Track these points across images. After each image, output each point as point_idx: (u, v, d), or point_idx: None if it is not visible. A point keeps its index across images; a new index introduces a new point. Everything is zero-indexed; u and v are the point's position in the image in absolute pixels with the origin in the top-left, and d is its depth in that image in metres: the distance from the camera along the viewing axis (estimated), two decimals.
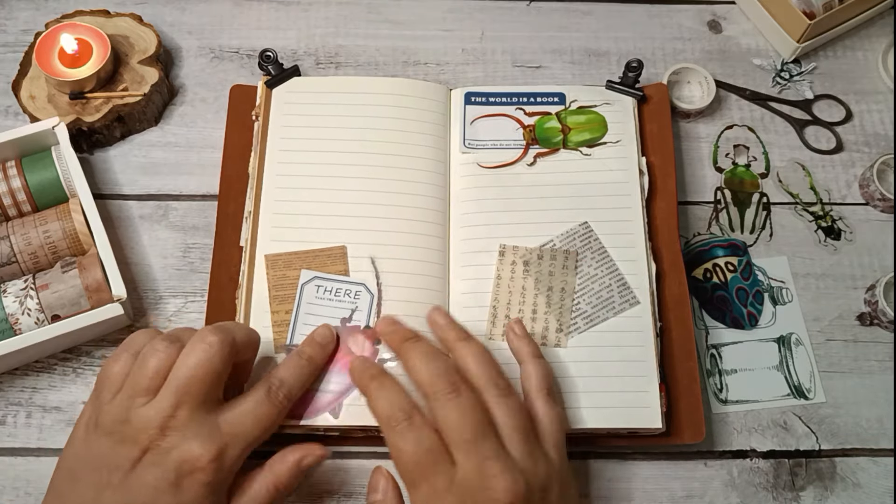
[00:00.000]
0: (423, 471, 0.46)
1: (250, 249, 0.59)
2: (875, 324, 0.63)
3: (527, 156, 0.63)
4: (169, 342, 0.48)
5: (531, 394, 0.51)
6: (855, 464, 0.59)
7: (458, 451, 0.46)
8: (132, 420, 0.46)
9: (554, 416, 0.50)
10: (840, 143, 0.70)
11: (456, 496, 0.45)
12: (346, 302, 0.57)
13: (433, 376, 0.48)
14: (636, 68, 0.65)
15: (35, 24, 0.71)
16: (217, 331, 0.48)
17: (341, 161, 0.62)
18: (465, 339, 0.51)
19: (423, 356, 0.49)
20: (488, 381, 0.49)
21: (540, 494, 0.46)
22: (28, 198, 0.60)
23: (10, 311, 0.56)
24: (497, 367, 0.50)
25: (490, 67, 0.72)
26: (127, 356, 0.49)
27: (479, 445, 0.46)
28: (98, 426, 0.47)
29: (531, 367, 0.52)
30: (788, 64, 0.73)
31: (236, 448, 0.47)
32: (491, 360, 0.50)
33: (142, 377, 0.47)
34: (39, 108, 0.65)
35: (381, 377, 0.50)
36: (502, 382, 0.49)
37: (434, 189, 0.62)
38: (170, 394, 0.46)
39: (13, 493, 0.56)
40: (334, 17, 0.73)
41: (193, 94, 0.70)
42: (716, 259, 0.65)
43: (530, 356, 0.53)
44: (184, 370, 0.47)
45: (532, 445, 0.48)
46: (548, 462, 0.48)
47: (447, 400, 0.47)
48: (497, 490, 0.44)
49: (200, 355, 0.47)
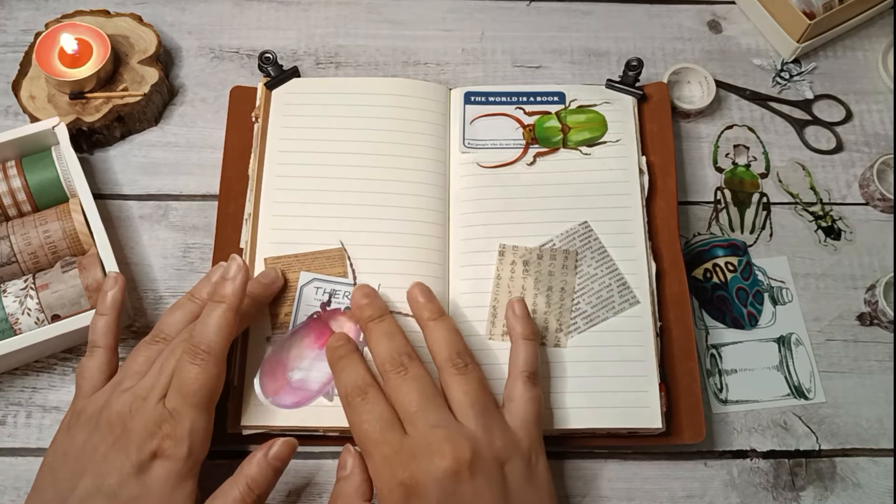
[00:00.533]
0: (375, 440, 0.48)
1: (250, 251, 0.59)
2: (875, 324, 0.63)
3: (526, 155, 0.63)
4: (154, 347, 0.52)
5: (512, 373, 0.53)
6: (855, 464, 0.59)
7: (407, 423, 0.48)
8: (111, 403, 0.49)
9: (529, 398, 0.51)
10: (840, 143, 0.70)
11: (402, 460, 0.46)
12: (346, 304, 0.57)
13: (388, 354, 0.50)
14: (636, 67, 0.65)
15: (35, 24, 0.71)
16: (199, 348, 0.49)
17: (341, 162, 0.62)
18: (436, 318, 0.53)
19: (382, 336, 0.51)
20: (447, 358, 0.51)
21: (495, 467, 0.47)
22: (28, 198, 0.60)
23: (10, 311, 0.56)
24: (462, 344, 0.52)
25: (490, 67, 0.72)
26: (102, 352, 0.52)
27: (426, 415, 0.48)
28: (79, 419, 0.49)
29: (519, 347, 0.54)
30: (788, 64, 0.73)
31: (185, 421, 0.48)
32: (456, 337, 0.52)
33: (126, 377, 0.51)
34: (39, 108, 0.65)
35: (349, 356, 0.52)
36: (461, 360, 0.51)
37: (434, 189, 0.62)
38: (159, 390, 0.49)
39: (14, 494, 0.56)
40: (334, 17, 0.73)
41: (193, 94, 0.70)
42: (716, 259, 0.65)
43: (520, 337, 0.54)
44: (182, 383, 0.49)
45: (490, 419, 0.49)
46: (509, 437, 0.49)
47: (396, 375, 0.49)
48: (440, 454, 0.46)
49: (196, 373, 0.49)
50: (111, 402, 0.49)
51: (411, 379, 0.49)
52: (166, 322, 0.53)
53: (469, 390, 0.49)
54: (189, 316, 0.53)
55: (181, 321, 0.53)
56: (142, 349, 0.52)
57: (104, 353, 0.52)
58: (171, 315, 0.53)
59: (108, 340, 0.53)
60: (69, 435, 0.49)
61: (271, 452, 0.50)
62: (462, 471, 0.46)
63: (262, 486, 0.49)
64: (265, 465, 0.50)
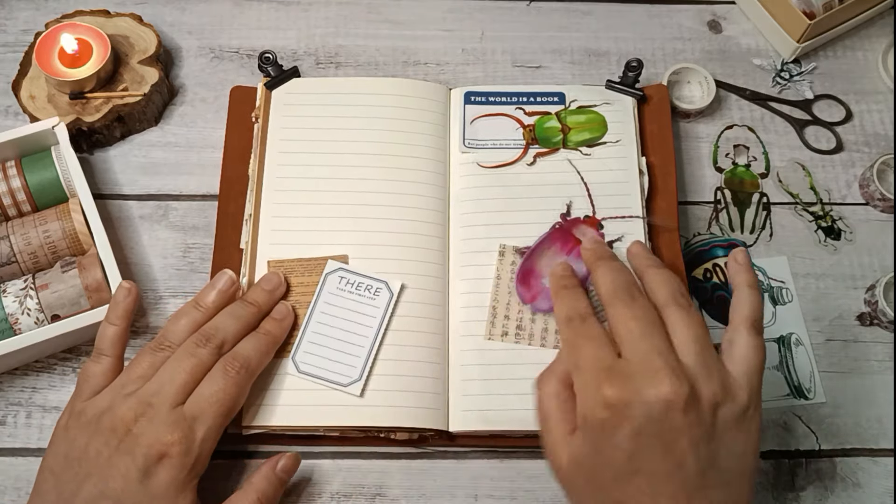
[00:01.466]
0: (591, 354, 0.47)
1: (251, 252, 0.59)
2: (875, 324, 0.63)
3: (527, 155, 0.63)
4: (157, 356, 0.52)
5: (734, 321, 0.49)
6: (855, 464, 0.59)
7: (627, 347, 0.46)
8: (114, 408, 0.49)
9: (753, 346, 0.48)
10: (840, 143, 0.70)
11: (615, 378, 0.45)
12: (366, 297, 0.57)
13: (617, 284, 0.49)
14: (636, 68, 0.65)
15: (35, 24, 0.71)
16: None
17: (341, 162, 0.62)
18: (657, 266, 0.52)
19: (610, 270, 0.51)
20: (670, 297, 0.49)
21: (708, 408, 0.45)
22: (28, 198, 0.60)
23: (9, 311, 0.56)
24: (683, 289, 0.50)
25: (490, 67, 0.72)
26: (108, 361, 0.52)
27: (649, 340, 0.46)
28: (79, 420, 0.49)
29: (744, 295, 0.50)
30: (788, 64, 0.73)
31: (200, 430, 0.49)
32: (678, 283, 0.50)
33: (129, 381, 0.51)
34: (39, 108, 0.65)
35: (574, 288, 0.53)
36: (685, 300, 0.49)
37: (434, 189, 0.62)
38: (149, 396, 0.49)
39: (14, 494, 0.56)
40: (334, 17, 0.73)
41: (193, 94, 0.70)
42: (716, 259, 0.65)
43: (744, 284, 0.50)
44: (212, 391, 0.50)
45: (709, 359, 0.46)
46: (728, 381, 0.46)
47: (623, 303, 0.48)
48: (657, 381, 0.44)
49: (228, 385, 0.51)
50: (114, 406, 0.49)
51: (639, 307, 0.48)
52: (171, 330, 0.53)
53: (692, 324, 0.47)
54: (193, 325, 0.53)
55: (186, 329, 0.53)
56: (146, 355, 0.52)
57: (110, 362, 0.52)
58: (176, 323, 0.53)
59: (117, 350, 0.53)
60: (68, 437, 0.49)
61: (279, 465, 0.52)
62: (677, 402, 0.43)
63: (270, 499, 0.51)
64: (274, 478, 0.52)
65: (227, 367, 0.51)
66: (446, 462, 0.58)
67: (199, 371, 0.50)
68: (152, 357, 0.52)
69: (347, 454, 0.58)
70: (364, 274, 0.58)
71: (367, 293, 0.57)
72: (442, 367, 0.57)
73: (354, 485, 0.57)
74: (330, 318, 0.57)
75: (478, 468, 0.58)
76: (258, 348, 0.53)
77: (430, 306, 0.58)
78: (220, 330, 0.52)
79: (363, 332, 0.57)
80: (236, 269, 0.60)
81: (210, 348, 0.51)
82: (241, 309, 0.54)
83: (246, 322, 0.54)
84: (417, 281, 0.59)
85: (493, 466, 0.58)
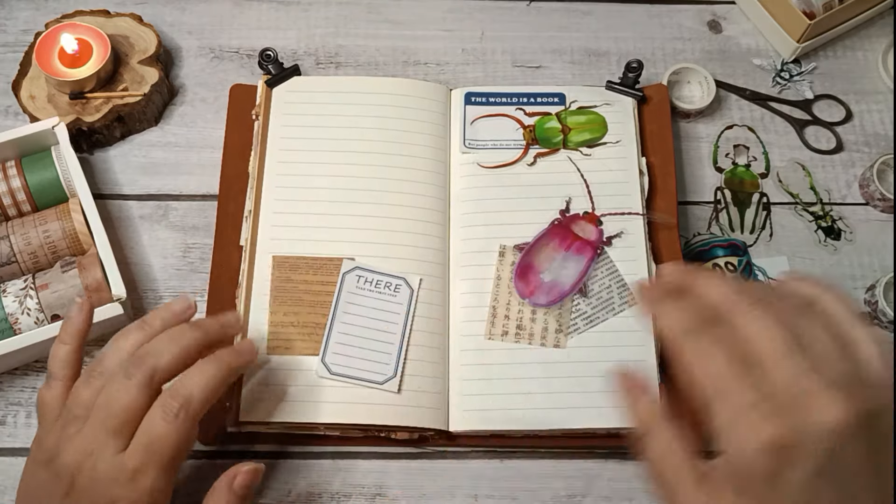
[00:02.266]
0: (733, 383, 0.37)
1: (250, 249, 0.59)
2: (875, 324, 0.63)
3: (527, 156, 0.63)
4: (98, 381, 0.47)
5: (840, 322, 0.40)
6: None
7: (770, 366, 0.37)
8: (60, 454, 0.45)
9: (873, 336, 0.39)
10: (840, 143, 0.70)
11: (770, 411, 0.36)
12: (387, 295, 0.57)
13: (738, 292, 0.40)
14: (636, 69, 0.65)
15: (35, 24, 0.71)
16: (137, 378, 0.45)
17: (341, 161, 0.62)
18: None
19: (721, 280, 0.41)
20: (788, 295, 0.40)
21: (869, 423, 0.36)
22: (28, 198, 0.60)
23: (9, 311, 0.56)
24: None
25: (490, 67, 0.72)
26: (59, 385, 0.48)
27: (797, 358, 0.37)
28: (35, 458, 0.47)
29: (831, 297, 0.40)
30: (788, 64, 0.73)
31: (146, 481, 0.45)
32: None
33: (72, 418, 0.46)
34: (39, 108, 0.65)
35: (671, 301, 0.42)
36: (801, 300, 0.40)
37: (434, 189, 0.62)
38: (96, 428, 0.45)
39: (14, 494, 0.56)
40: (334, 17, 0.73)
41: (193, 94, 0.70)
42: (716, 259, 0.65)
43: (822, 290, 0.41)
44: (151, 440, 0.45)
45: (853, 365, 0.38)
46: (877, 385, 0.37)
47: (752, 309, 0.39)
48: (825, 405, 0.35)
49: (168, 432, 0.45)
50: (60, 451, 0.46)
51: (773, 315, 0.38)
52: (108, 355, 0.48)
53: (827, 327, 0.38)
54: (134, 347, 0.48)
55: (125, 352, 0.48)
56: (81, 387, 0.47)
57: (61, 386, 0.48)
58: (115, 344, 0.49)
59: (67, 372, 0.49)
60: (33, 472, 0.47)
61: (236, 483, 0.47)
62: (851, 424, 0.35)
63: None
64: (230, 497, 0.47)
65: (166, 410, 0.45)
66: (446, 462, 0.58)
67: (134, 408, 0.45)
68: (87, 389, 0.47)
69: (347, 454, 0.58)
70: (382, 271, 0.58)
71: (387, 290, 0.58)
72: (442, 366, 0.57)
73: (354, 485, 0.57)
74: (353, 317, 0.57)
75: (478, 468, 0.58)
76: (204, 383, 0.46)
77: (430, 306, 0.58)
78: (153, 355, 0.47)
79: (390, 328, 0.57)
80: (236, 267, 0.60)
81: (139, 378, 0.46)
82: (182, 332, 0.49)
83: (185, 348, 0.48)
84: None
85: (493, 466, 0.58)
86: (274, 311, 0.57)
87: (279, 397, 0.55)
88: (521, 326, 0.58)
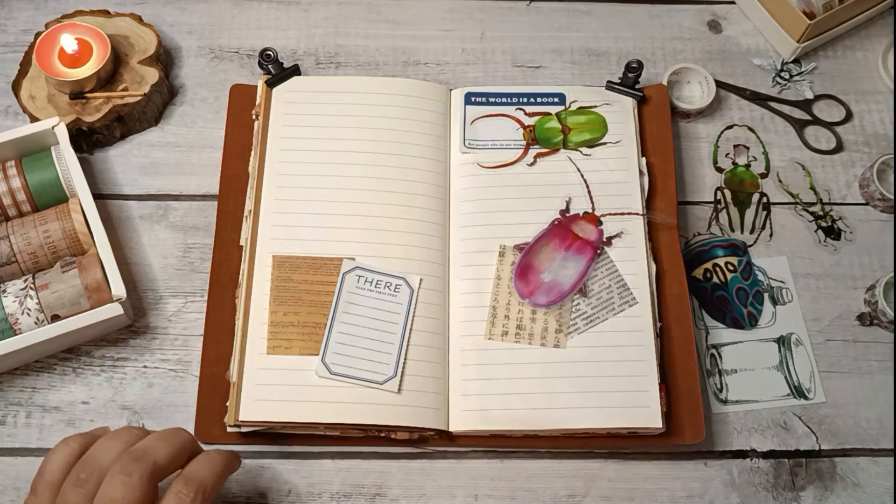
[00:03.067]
0: None
1: (250, 248, 0.59)
2: (875, 324, 0.63)
3: (527, 156, 0.63)
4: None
5: None
6: (855, 464, 0.59)
7: None
8: None
9: None
10: (840, 143, 0.70)
11: None
12: (387, 295, 0.57)
13: None
14: (636, 69, 0.65)
15: (35, 24, 0.71)
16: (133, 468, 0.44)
17: (341, 160, 0.62)
18: None
19: None
20: None
21: None
22: (28, 198, 0.60)
23: (9, 311, 0.56)
24: None
25: (490, 67, 0.72)
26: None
27: None
28: None
29: None
30: (788, 64, 0.73)
31: None
32: None
33: None
34: (39, 108, 0.65)
35: None
36: None
37: (434, 189, 0.62)
38: None
39: (14, 494, 0.56)
40: (334, 17, 0.73)
41: (193, 94, 0.70)
42: (716, 259, 0.65)
43: None
44: None
45: None
46: None
47: None
48: None
49: None
50: None
51: None
52: (42, 472, 0.46)
53: None
54: (72, 460, 0.46)
55: (61, 469, 0.45)
56: (69, 493, 0.44)
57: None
58: (49, 460, 0.46)
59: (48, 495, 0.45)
60: None
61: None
62: None
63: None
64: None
65: (181, 499, 0.43)
66: (446, 462, 0.58)
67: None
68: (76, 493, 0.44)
69: (347, 454, 0.58)
70: (382, 271, 0.58)
71: (387, 290, 0.58)
72: (442, 366, 0.57)
73: (354, 485, 0.57)
74: (353, 317, 0.57)
75: (478, 468, 0.58)
76: (214, 470, 0.46)
77: (430, 306, 0.58)
78: (150, 452, 0.45)
79: (390, 328, 0.57)
80: (236, 267, 0.60)
81: (140, 475, 0.44)
82: (175, 432, 0.47)
83: (179, 445, 0.46)
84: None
85: (493, 466, 0.58)
86: (274, 311, 0.57)
87: (279, 397, 0.55)
88: (521, 326, 0.58)
